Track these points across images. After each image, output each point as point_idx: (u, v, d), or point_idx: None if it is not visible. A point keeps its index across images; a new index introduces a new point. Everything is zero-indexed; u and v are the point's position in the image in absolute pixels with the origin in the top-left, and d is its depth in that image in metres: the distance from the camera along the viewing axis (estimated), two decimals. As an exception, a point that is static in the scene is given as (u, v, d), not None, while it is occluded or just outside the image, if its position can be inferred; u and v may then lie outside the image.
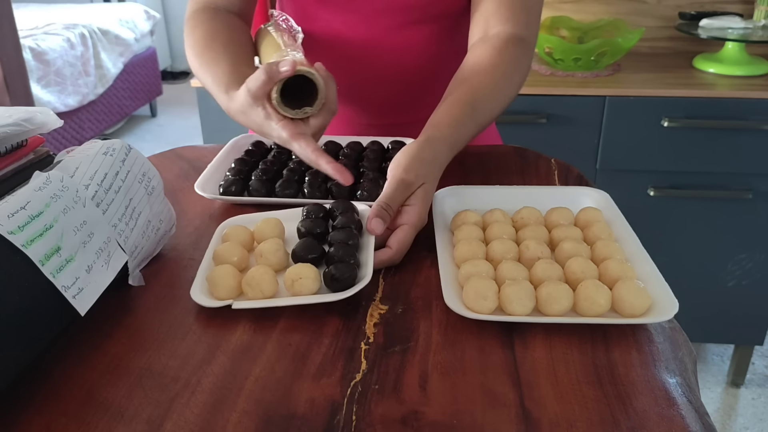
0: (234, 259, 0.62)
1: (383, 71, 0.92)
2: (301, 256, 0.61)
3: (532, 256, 0.61)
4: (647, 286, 0.56)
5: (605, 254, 0.61)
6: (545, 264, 0.59)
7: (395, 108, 0.95)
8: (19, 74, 2.03)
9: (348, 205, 0.67)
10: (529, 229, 0.66)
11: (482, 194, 0.74)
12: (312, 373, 0.51)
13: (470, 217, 0.68)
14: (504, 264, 0.59)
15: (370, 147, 0.85)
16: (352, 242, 0.62)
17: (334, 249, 0.60)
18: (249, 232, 0.67)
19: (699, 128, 1.56)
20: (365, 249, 0.62)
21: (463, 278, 0.58)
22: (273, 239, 0.64)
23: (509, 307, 0.55)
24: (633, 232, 0.65)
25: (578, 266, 0.59)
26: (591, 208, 0.69)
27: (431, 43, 0.91)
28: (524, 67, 0.83)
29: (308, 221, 0.66)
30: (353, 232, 0.63)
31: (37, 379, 0.50)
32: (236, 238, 0.65)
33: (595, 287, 0.55)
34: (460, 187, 0.75)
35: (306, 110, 0.71)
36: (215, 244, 0.66)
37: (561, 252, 0.63)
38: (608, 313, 0.55)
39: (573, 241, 0.63)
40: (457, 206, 0.72)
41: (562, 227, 0.66)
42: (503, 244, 0.63)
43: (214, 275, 0.58)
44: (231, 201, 0.77)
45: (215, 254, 0.63)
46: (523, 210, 0.69)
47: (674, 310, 0.53)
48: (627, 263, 0.59)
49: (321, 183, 0.76)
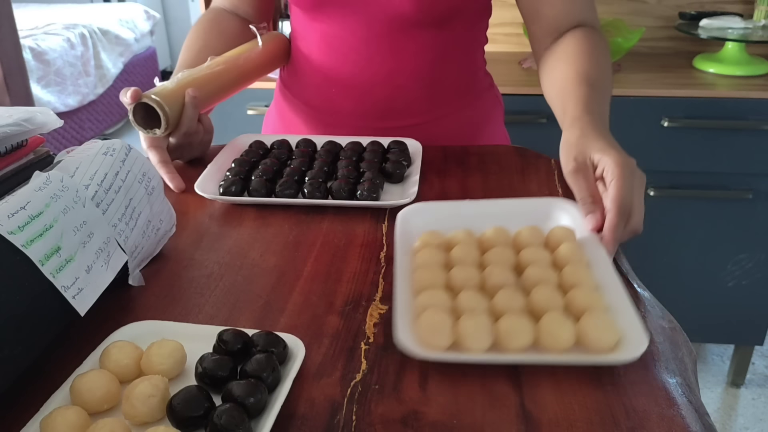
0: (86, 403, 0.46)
1: (380, 76, 0.93)
2: (177, 412, 0.45)
3: (496, 284, 0.57)
4: (616, 317, 0.52)
5: (573, 281, 0.57)
6: (507, 294, 0.55)
7: (392, 112, 0.96)
8: (19, 74, 2.03)
9: (271, 340, 0.50)
10: (495, 252, 0.61)
11: (451, 211, 0.70)
12: (312, 373, 0.51)
13: (433, 239, 0.63)
14: (464, 294, 0.55)
15: (370, 147, 0.85)
16: (251, 401, 0.45)
17: (223, 410, 0.43)
18: (136, 354, 0.50)
19: (699, 128, 1.55)
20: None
21: (419, 310, 0.54)
22: (152, 380, 0.47)
23: (465, 343, 0.50)
24: (605, 253, 0.60)
25: (542, 296, 0.54)
26: (562, 228, 0.65)
27: (428, 48, 0.92)
28: (608, 47, 0.87)
29: (210, 360, 0.49)
30: (258, 386, 0.46)
31: (37, 379, 0.50)
32: (117, 363, 0.49)
33: (558, 321, 0.51)
34: (427, 204, 0.71)
35: (155, 131, 0.81)
36: (91, 365, 0.50)
37: (527, 278, 0.58)
38: (573, 349, 0.51)
39: (540, 267, 0.58)
40: (423, 225, 0.67)
41: (531, 249, 0.62)
42: (464, 271, 0.58)
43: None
44: (231, 201, 0.77)
45: (73, 388, 0.47)
46: (490, 230, 0.65)
47: (643, 346, 0.49)
48: (595, 293, 0.55)
49: (321, 183, 0.76)
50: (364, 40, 0.91)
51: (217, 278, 0.63)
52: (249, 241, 0.70)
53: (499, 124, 1.05)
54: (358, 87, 0.94)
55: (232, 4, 1.01)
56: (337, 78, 0.94)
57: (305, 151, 0.85)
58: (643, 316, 0.56)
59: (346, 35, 0.91)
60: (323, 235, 0.71)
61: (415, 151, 0.86)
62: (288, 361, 0.50)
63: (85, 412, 0.45)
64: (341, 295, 0.60)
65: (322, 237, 0.70)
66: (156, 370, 0.49)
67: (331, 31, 0.92)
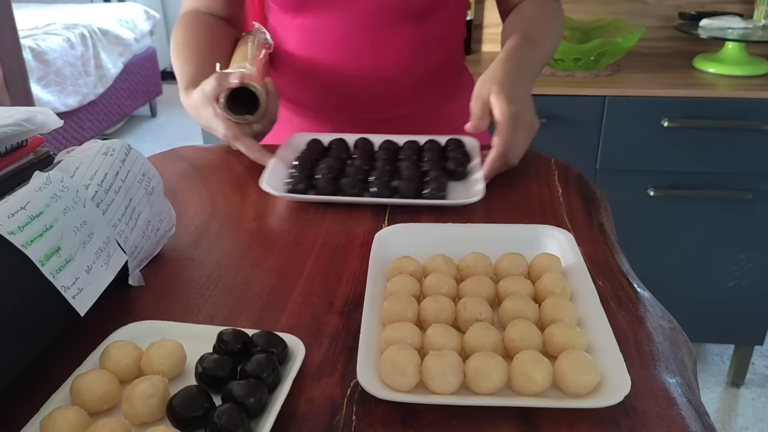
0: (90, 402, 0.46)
1: (363, 69, 0.95)
2: (177, 412, 0.44)
3: (469, 318, 0.53)
4: (598, 356, 0.49)
5: (554, 315, 0.53)
6: (480, 330, 0.50)
7: (377, 104, 0.98)
8: (19, 74, 2.03)
9: (271, 340, 0.51)
10: (472, 282, 0.57)
11: (430, 234, 0.66)
12: (312, 373, 0.51)
13: (407, 266, 0.59)
14: (433, 329, 0.51)
15: (428, 146, 0.86)
16: (251, 401, 0.45)
17: (223, 410, 0.43)
18: (136, 354, 0.50)
19: (699, 128, 1.55)
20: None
21: (385, 344, 0.50)
22: (151, 380, 0.46)
23: (431, 384, 0.47)
24: (593, 285, 0.57)
25: (518, 332, 0.50)
26: (547, 255, 0.60)
27: (410, 41, 0.93)
28: (561, 15, 0.98)
29: (210, 360, 0.49)
30: (258, 386, 0.46)
31: (37, 380, 0.50)
32: (117, 363, 0.49)
33: (532, 362, 0.47)
34: (406, 226, 0.67)
35: (247, 117, 0.81)
36: (92, 365, 0.50)
37: (503, 312, 0.54)
38: (549, 390, 0.47)
39: (518, 299, 0.54)
40: (400, 248, 0.63)
41: (511, 279, 0.57)
42: (436, 303, 0.54)
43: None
44: (297, 199, 0.77)
45: (73, 388, 0.47)
46: (469, 257, 0.60)
47: (625, 389, 0.45)
48: (576, 329, 0.51)
49: (387, 182, 0.76)
50: (347, 34, 0.92)
51: (217, 278, 0.63)
52: (249, 241, 0.70)
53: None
54: (342, 81, 0.96)
55: (204, 6, 1.01)
56: (321, 73, 0.96)
57: (364, 149, 0.86)
58: (643, 316, 0.56)
59: (329, 30, 0.93)
60: (323, 235, 0.71)
61: (472, 149, 0.86)
62: (288, 361, 0.50)
63: (85, 412, 0.45)
64: (341, 295, 0.60)
65: (322, 237, 0.70)
66: (156, 370, 0.48)
67: (313, 26, 0.94)
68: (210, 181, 0.84)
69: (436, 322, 0.52)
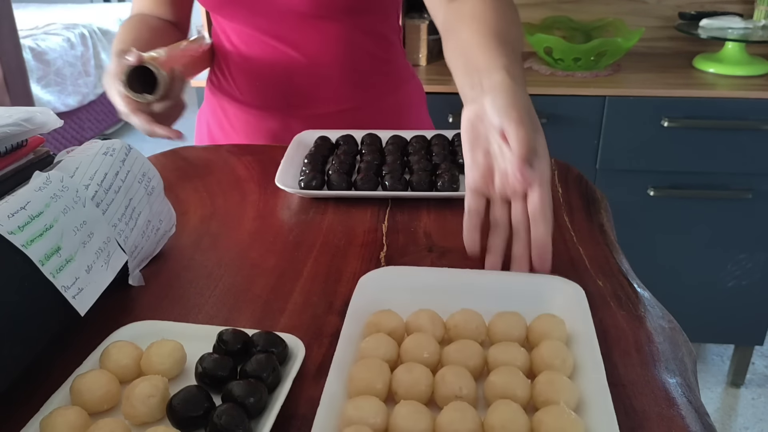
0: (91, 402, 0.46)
1: (297, 66, 0.96)
2: (177, 412, 0.44)
3: (448, 394, 0.45)
4: None
5: (547, 396, 0.44)
6: (456, 413, 0.42)
7: (316, 100, 0.99)
8: (19, 74, 2.03)
9: (271, 340, 0.50)
10: (457, 348, 0.49)
11: (421, 281, 0.57)
12: (312, 373, 0.51)
13: (386, 322, 0.51)
14: (401, 408, 0.43)
15: (436, 140, 0.85)
16: (251, 401, 0.44)
17: (223, 410, 0.43)
18: (136, 354, 0.50)
19: (699, 128, 1.55)
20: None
21: (342, 424, 0.43)
22: (151, 380, 0.46)
23: None
24: (600, 357, 0.47)
25: (499, 419, 0.42)
26: (549, 317, 0.52)
27: (339, 38, 0.95)
28: (512, 6, 0.76)
29: (210, 360, 0.48)
30: (258, 386, 0.46)
31: (37, 380, 0.50)
32: (117, 363, 0.49)
33: None
34: (396, 269, 0.60)
35: (146, 96, 0.81)
36: (91, 365, 0.50)
37: (490, 387, 0.46)
38: None
39: (508, 374, 0.46)
40: (383, 297, 0.55)
41: (503, 346, 0.49)
42: (410, 374, 0.46)
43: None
44: (311, 195, 0.77)
45: (73, 388, 0.47)
46: (458, 314, 0.52)
47: None
48: (571, 416, 0.42)
49: (401, 176, 0.77)
50: (272, 35, 0.95)
51: (217, 278, 0.63)
52: (249, 241, 0.70)
53: (423, 111, 1.12)
54: (279, 78, 0.98)
55: (151, 10, 1.04)
56: (259, 71, 0.99)
57: (373, 145, 0.86)
58: (643, 316, 0.56)
59: (254, 31, 0.95)
60: (323, 235, 0.71)
61: None
62: (288, 361, 0.50)
63: (85, 412, 0.45)
64: (341, 295, 0.60)
65: (322, 237, 0.70)
66: (156, 370, 0.48)
67: (240, 27, 0.97)
68: (210, 181, 0.84)
69: (408, 397, 0.45)
